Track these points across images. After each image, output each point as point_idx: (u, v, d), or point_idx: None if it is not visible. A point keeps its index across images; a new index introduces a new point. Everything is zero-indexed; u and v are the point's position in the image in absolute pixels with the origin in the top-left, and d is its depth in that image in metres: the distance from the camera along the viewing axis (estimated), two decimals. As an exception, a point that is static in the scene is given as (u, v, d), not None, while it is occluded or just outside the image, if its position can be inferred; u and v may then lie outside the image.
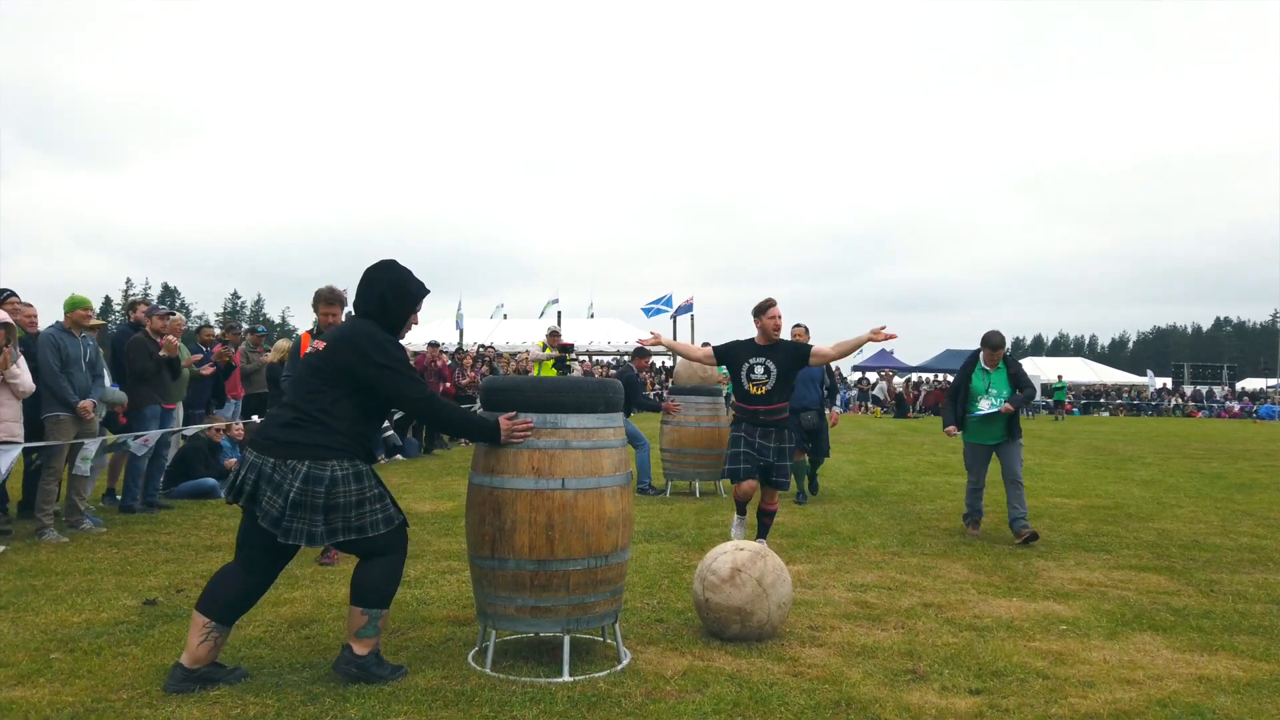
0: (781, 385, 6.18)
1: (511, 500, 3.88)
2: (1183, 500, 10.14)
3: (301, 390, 3.81)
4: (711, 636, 4.47)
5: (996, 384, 7.52)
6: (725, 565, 4.43)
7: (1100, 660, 4.22)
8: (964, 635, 4.58)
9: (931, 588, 5.63)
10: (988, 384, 7.55)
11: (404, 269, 3.99)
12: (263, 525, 3.65)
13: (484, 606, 4.04)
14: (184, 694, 3.60)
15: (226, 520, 7.83)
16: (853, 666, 4.07)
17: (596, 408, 4.00)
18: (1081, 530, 7.92)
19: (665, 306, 34.75)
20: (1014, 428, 7.48)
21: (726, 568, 4.42)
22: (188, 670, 3.66)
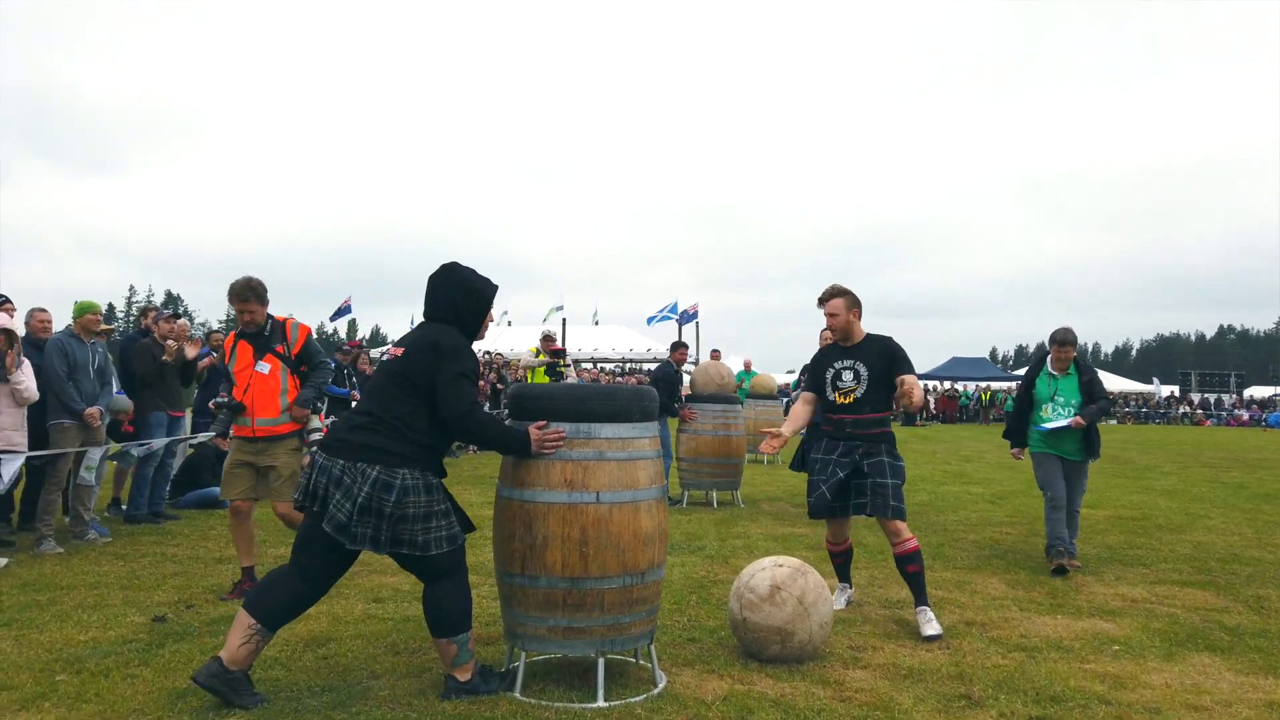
0: (874, 392, 4.92)
1: (543, 515, 3.67)
2: (1211, 511, 9.91)
3: (378, 396, 3.68)
4: (749, 657, 4.26)
5: (1065, 391, 6.40)
6: (764, 583, 4.22)
7: (1161, 684, 4.00)
8: (1013, 656, 4.36)
9: (970, 604, 5.41)
10: (1053, 391, 6.43)
11: (468, 270, 3.83)
12: (326, 529, 3.46)
13: (513, 627, 3.83)
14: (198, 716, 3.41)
15: (235, 531, 7.61)
16: (902, 691, 3.85)
17: (632, 416, 3.79)
18: (1115, 543, 7.69)
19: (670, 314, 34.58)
20: (1092, 445, 6.43)
21: (765, 585, 4.20)
22: (224, 668, 3.48)
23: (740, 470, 9.98)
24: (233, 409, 5.47)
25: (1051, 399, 6.40)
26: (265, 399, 5.44)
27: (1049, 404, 6.41)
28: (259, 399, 5.43)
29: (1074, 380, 6.41)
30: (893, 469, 4.87)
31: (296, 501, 3.70)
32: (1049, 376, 6.49)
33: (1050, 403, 6.40)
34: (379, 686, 3.82)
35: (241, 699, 3.51)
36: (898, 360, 4.91)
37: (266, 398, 5.44)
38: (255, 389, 5.44)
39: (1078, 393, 6.37)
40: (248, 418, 5.44)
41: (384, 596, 5.36)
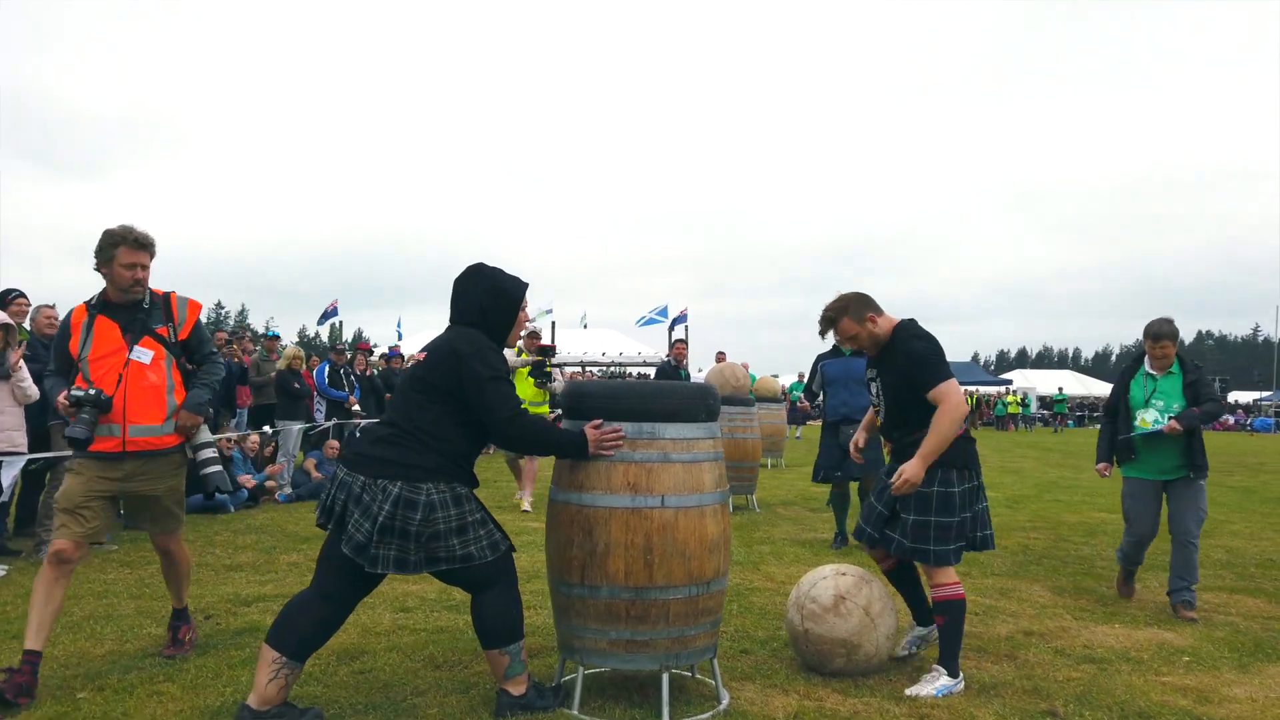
0: (900, 411, 4.00)
1: (605, 520, 3.44)
2: (1230, 515, 9.79)
3: (401, 404, 3.43)
4: (810, 671, 4.04)
5: (1165, 394, 5.33)
6: (827, 592, 4.00)
7: (1247, 698, 3.81)
8: (1084, 669, 4.17)
9: (1022, 613, 5.21)
10: (1150, 392, 5.36)
11: (495, 270, 3.59)
12: (345, 551, 3.22)
13: (569, 640, 3.59)
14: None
15: (241, 537, 7.35)
16: (980, 707, 3.65)
17: (697, 416, 3.57)
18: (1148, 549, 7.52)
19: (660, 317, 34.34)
20: (1195, 459, 5.24)
21: (829, 595, 3.99)
22: (256, 713, 3.22)
23: (756, 474, 9.78)
24: (98, 405, 3.80)
25: (1148, 404, 5.35)
26: (144, 400, 3.91)
27: (1145, 410, 5.34)
28: (135, 399, 3.89)
29: (1177, 381, 5.35)
30: (923, 499, 3.89)
31: (317, 520, 3.45)
32: (1146, 378, 5.43)
33: (1146, 409, 5.34)
34: (425, 704, 3.58)
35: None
36: (915, 374, 3.88)
37: (146, 398, 3.91)
38: (130, 385, 3.89)
39: (1180, 396, 5.29)
40: (116, 425, 3.86)
41: (411, 606, 5.12)
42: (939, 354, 3.91)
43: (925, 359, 3.85)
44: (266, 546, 6.98)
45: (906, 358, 3.91)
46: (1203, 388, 5.32)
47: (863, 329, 4.01)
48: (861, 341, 4.07)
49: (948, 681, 3.80)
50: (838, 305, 4.05)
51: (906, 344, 3.94)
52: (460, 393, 3.36)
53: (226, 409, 9.85)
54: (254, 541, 7.19)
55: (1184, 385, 5.32)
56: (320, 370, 11.71)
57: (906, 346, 3.93)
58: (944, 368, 3.87)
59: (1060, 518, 9.33)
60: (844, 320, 4.03)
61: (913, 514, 3.92)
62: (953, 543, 3.91)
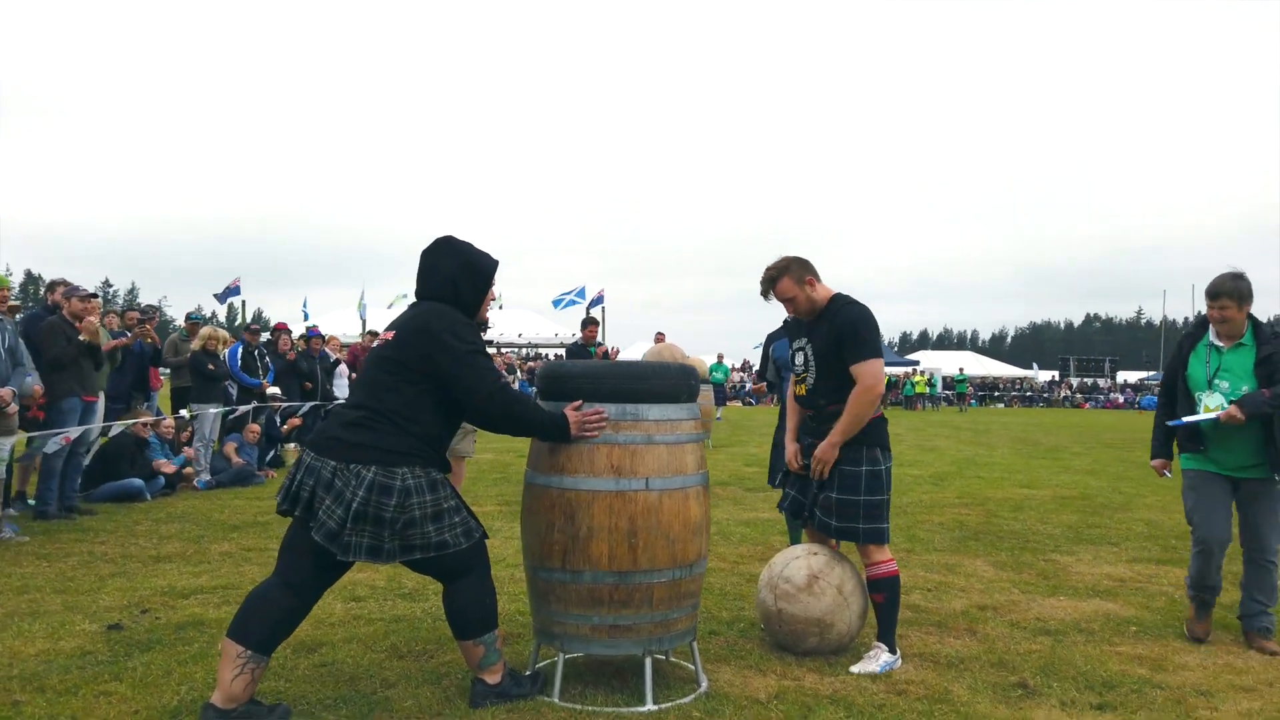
0: (827, 380, 3.94)
1: (588, 504, 3.36)
2: (1142, 490, 10.25)
3: (370, 385, 3.25)
4: (783, 650, 4.05)
5: (1232, 371, 4.21)
6: (800, 572, 4.01)
7: (1198, 665, 3.97)
8: (1041, 641, 4.28)
9: (971, 588, 5.34)
10: (1215, 370, 4.25)
11: (466, 244, 3.45)
12: (316, 539, 3.05)
13: (549, 626, 3.51)
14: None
15: (164, 527, 7.00)
16: (952, 681, 3.71)
17: (679, 397, 3.52)
18: (1073, 522, 7.82)
19: (578, 298, 34.25)
20: (1276, 453, 4.11)
21: (803, 575, 3.99)
22: (221, 712, 3.04)
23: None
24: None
25: (1211, 385, 4.24)
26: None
27: (1208, 394, 4.24)
28: None
29: (1248, 355, 4.20)
30: (850, 479, 3.90)
31: (278, 505, 3.27)
32: (1210, 351, 4.30)
33: (1210, 392, 4.24)
34: (398, 696, 3.45)
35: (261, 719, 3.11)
36: (844, 343, 3.85)
37: None
38: None
39: (1251, 376, 4.16)
40: None
41: (362, 595, 4.94)
42: (873, 328, 3.89)
43: (858, 330, 3.84)
44: (194, 536, 6.66)
45: (841, 326, 3.87)
46: (1279, 362, 4.12)
47: (800, 291, 3.94)
48: (799, 305, 3.99)
49: (889, 658, 3.86)
50: (779, 265, 3.99)
51: (843, 311, 3.90)
52: (435, 371, 3.22)
53: (140, 392, 9.35)
54: (179, 531, 6.85)
55: (1256, 361, 4.16)
56: (232, 352, 11.18)
57: (843, 314, 3.89)
58: (875, 342, 3.87)
59: (986, 494, 9.62)
60: (784, 280, 3.95)
61: (837, 492, 3.91)
62: (884, 520, 3.95)
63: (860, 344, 3.82)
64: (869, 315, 3.92)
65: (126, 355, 8.83)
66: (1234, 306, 4.17)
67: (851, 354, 3.83)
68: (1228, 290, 4.17)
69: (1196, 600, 4.40)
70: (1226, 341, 4.27)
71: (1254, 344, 4.22)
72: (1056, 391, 50.57)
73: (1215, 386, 4.23)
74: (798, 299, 3.97)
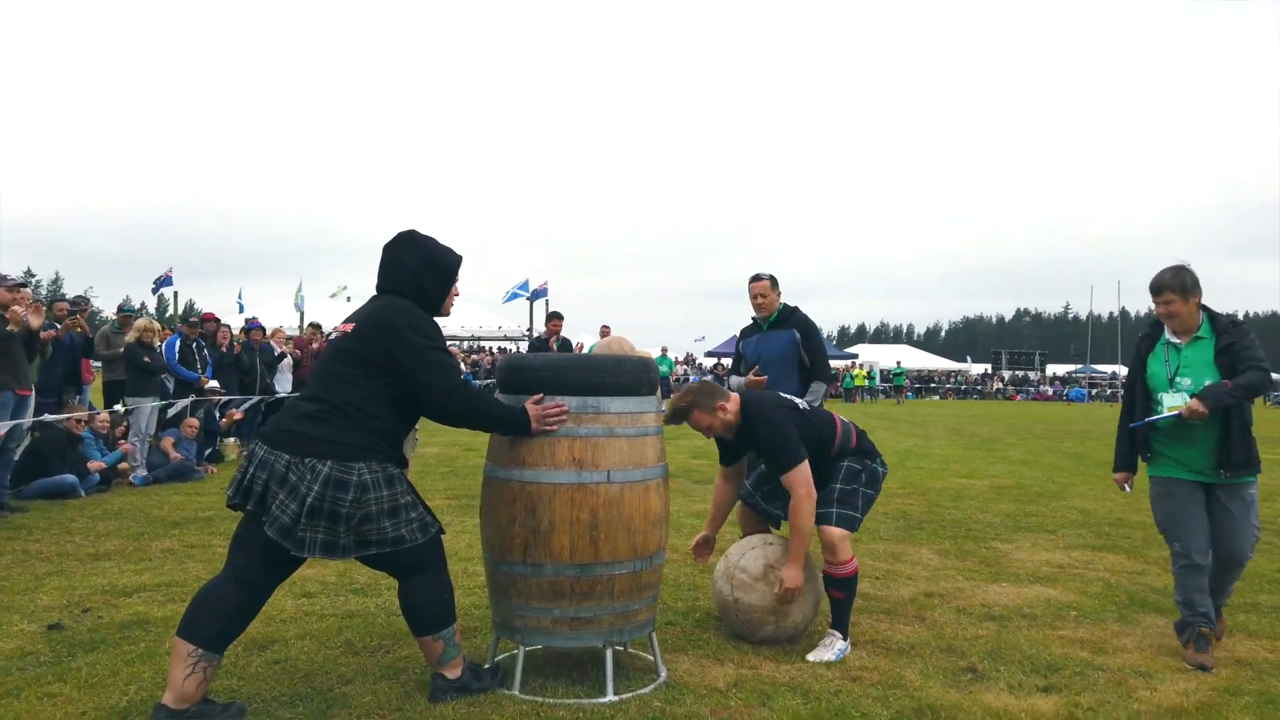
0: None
1: (549, 497, 3.36)
2: (1074, 480, 10.57)
3: (327, 378, 3.20)
4: (738, 639, 4.10)
5: (1192, 366, 3.96)
6: (757, 562, 4.06)
7: (1136, 648, 4.12)
8: (987, 626, 4.40)
9: (917, 575, 5.46)
10: (1175, 368, 4.00)
11: (429, 239, 3.42)
12: (269, 534, 3.01)
13: (509, 620, 3.50)
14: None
15: (101, 524, 6.80)
16: (904, 667, 3.79)
17: (640, 390, 3.53)
18: (1010, 511, 8.04)
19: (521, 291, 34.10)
20: (1233, 452, 3.87)
21: (759, 565, 4.04)
22: (174, 712, 2.98)
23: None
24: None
25: (1172, 384, 3.98)
26: None
27: (1171, 394, 3.97)
28: None
29: (1207, 348, 3.95)
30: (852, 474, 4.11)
31: (229, 499, 3.21)
32: (1168, 350, 4.05)
33: (1173, 391, 3.97)
34: (355, 692, 3.41)
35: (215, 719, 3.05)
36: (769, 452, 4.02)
37: None
38: None
39: (1213, 367, 3.91)
40: None
41: (313, 591, 4.86)
42: (784, 433, 3.91)
43: (773, 446, 3.92)
44: (133, 533, 6.48)
45: (760, 442, 3.99)
46: (1241, 352, 3.85)
47: (715, 419, 4.00)
48: (716, 430, 4.04)
49: (842, 645, 3.95)
50: (686, 401, 4.04)
51: (754, 429, 3.99)
52: (394, 366, 3.19)
53: (72, 385, 9.05)
54: (117, 528, 6.67)
55: (1216, 352, 3.91)
56: (169, 344, 10.89)
57: (755, 433, 3.99)
58: (794, 453, 3.88)
59: (927, 484, 9.83)
60: (695, 413, 4.01)
61: (839, 484, 4.04)
62: (859, 512, 4.02)
63: (778, 456, 3.91)
64: (775, 420, 3.96)
65: (57, 347, 8.55)
66: (1179, 300, 3.93)
67: (777, 467, 3.94)
68: (1169, 284, 3.95)
69: (1190, 630, 3.94)
70: (1183, 337, 4.02)
71: (1212, 335, 3.95)
72: (989, 384, 51.79)
73: (1177, 385, 3.95)
74: (714, 426, 4.03)
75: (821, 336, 5.66)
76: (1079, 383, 51.65)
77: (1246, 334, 3.92)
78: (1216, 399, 3.79)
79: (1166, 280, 3.96)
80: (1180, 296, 3.93)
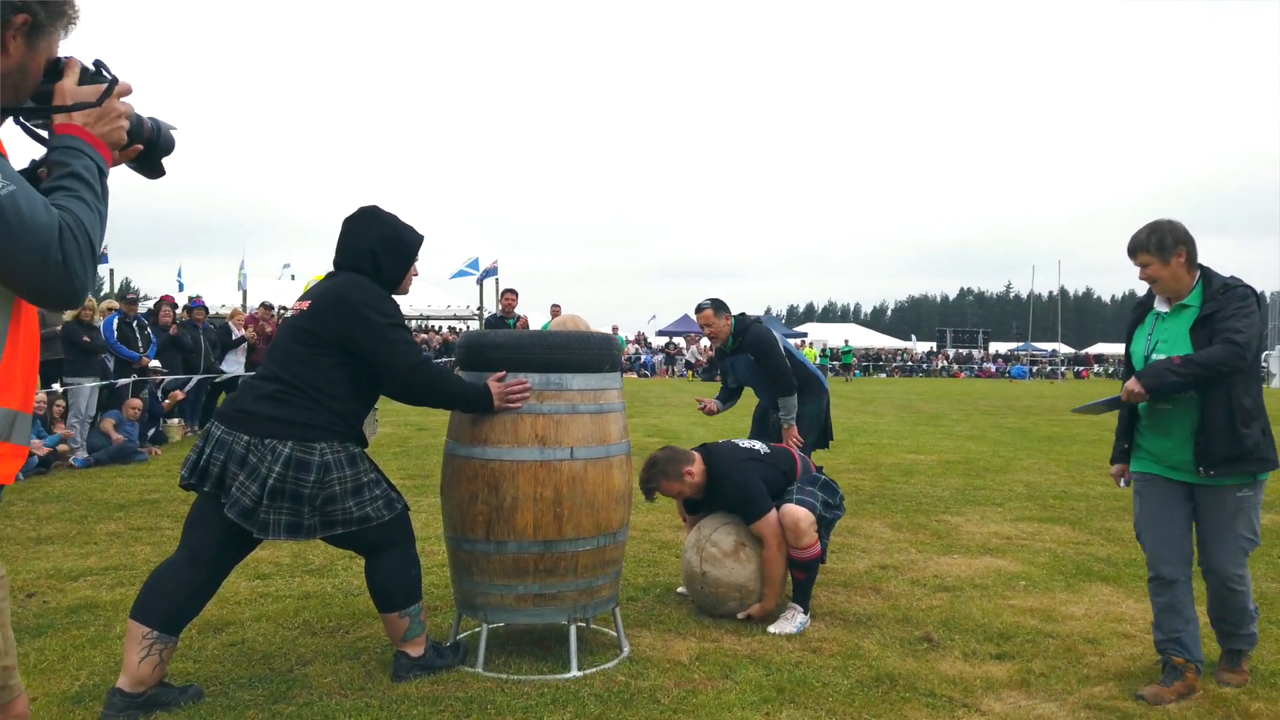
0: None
1: (512, 474, 3.35)
2: (1019, 454, 10.82)
3: (284, 358, 3.14)
4: (701, 613, 4.14)
5: (1169, 340, 3.31)
6: (729, 538, 4.08)
7: (1083, 615, 4.25)
8: (941, 597, 4.50)
9: (872, 549, 5.55)
10: (1155, 343, 3.37)
11: (391, 216, 3.36)
12: (229, 516, 2.95)
13: (471, 597, 3.49)
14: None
15: (42, 507, 6.63)
16: (862, 638, 3.86)
17: (602, 366, 3.53)
18: (959, 485, 8.21)
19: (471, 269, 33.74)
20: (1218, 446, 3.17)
21: (730, 541, 4.07)
22: (129, 696, 2.92)
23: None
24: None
25: (1148, 359, 3.36)
26: None
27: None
28: None
29: (1188, 316, 3.31)
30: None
31: (183, 479, 3.15)
32: (1155, 321, 3.43)
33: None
34: (316, 673, 3.38)
35: (172, 703, 3.00)
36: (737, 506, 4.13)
37: None
38: None
39: (1186, 340, 3.27)
40: None
41: (267, 572, 4.79)
42: (752, 492, 4.04)
43: (740, 499, 4.07)
44: (76, 516, 6.32)
45: (727, 497, 4.14)
46: (1220, 322, 3.18)
47: (684, 484, 4.15)
48: (687, 494, 4.23)
49: (803, 618, 4.01)
50: (654, 473, 4.17)
51: (721, 486, 4.14)
52: (352, 345, 3.14)
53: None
54: (60, 511, 6.50)
55: (1195, 322, 3.27)
56: (107, 323, 10.59)
57: (723, 489, 4.14)
58: (760, 504, 4.02)
59: (877, 459, 9.98)
60: (663, 483, 4.15)
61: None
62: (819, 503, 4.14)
63: (747, 509, 4.05)
64: (745, 475, 4.08)
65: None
66: (1156, 262, 3.29)
67: (747, 516, 4.07)
68: (1141, 244, 3.32)
69: (1164, 658, 3.34)
70: (1170, 304, 3.37)
71: (1200, 303, 3.28)
72: (934, 362, 52.69)
73: (1148, 362, 3.33)
74: (684, 491, 4.20)
75: (776, 350, 5.40)
76: (1020, 360, 52.78)
77: (1235, 300, 3.19)
78: (1155, 379, 3.18)
79: (1140, 240, 3.34)
80: (1158, 258, 3.29)
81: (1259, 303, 3.25)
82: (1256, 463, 3.19)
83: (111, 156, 1.70)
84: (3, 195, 1.43)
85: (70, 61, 1.67)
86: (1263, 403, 3.27)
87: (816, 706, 3.14)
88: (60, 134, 1.64)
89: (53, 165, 1.62)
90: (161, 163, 1.86)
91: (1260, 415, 3.23)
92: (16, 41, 1.56)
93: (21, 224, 1.44)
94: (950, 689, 3.31)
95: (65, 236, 1.50)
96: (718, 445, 4.31)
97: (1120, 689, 3.35)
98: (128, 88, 1.71)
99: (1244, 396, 3.19)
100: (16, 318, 1.56)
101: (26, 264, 1.47)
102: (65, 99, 1.65)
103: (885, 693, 3.27)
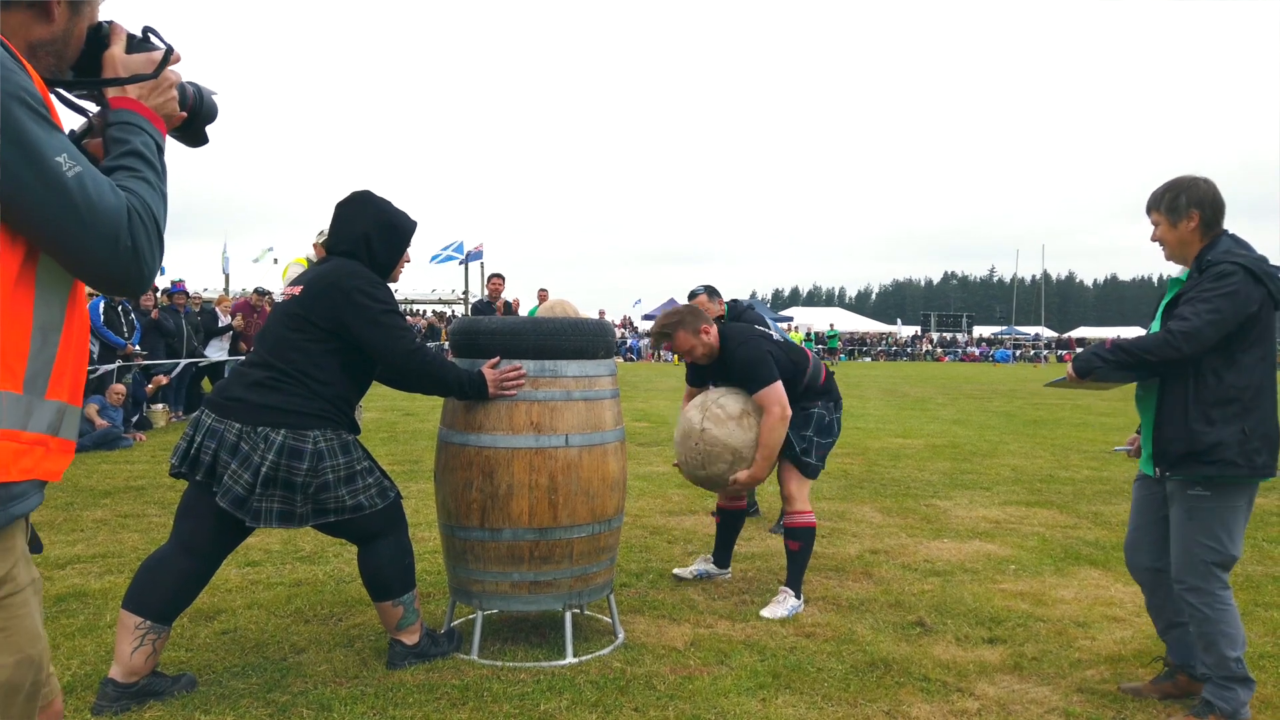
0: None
1: (507, 461, 3.33)
2: (1005, 438, 10.89)
3: (275, 343, 3.10)
4: (682, 486, 4.15)
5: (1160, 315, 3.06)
6: (736, 404, 4.06)
7: (1074, 599, 4.28)
8: (932, 581, 4.53)
9: (862, 533, 5.58)
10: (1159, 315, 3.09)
11: (384, 201, 3.33)
12: (222, 505, 2.93)
13: (466, 585, 3.48)
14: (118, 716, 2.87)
15: None
16: (855, 623, 3.88)
17: (597, 353, 3.51)
18: (947, 469, 8.25)
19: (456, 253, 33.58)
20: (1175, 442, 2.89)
21: (737, 406, 4.04)
22: (122, 686, 2.90)
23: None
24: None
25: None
26: None
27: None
28: None
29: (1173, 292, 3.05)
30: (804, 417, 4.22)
31: (173, 468, 3.12)
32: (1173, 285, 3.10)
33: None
34: (310, 661, 3.36)
35: (166, 692, 2.99)
36: (744, 374, 4.08)
37: None
38: None
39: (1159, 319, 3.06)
40: None
41: (257, 560, 4.77)
42: (763, 360, 4.04)
43: (750, 365, 4.05)
44: (62, 503, 6.26)
45: (737, 364, 4.11)
46: (1185, 303, 2.87)
47: (698, 340, 4.15)
48: (697, 354, 4.19)
49: (795, 602, 4.02)
50: (672, 321, 4.18)
51: (733, 353, 4.14)
52: (345, 331, 3.11)
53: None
54: (45, 497, 6.42)
55: (1169, 303, 3.02)
56: (93, 307, 10.47)
57: (734, 355, 4.13)
58: (768, 371, 4.03)
59: (865, 444, 10.02)
60: (679, 334, 4.15)
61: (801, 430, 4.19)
62: (814, 459, 4.19)
63: (754, 377, 4.04)
64: (757, 346, 4.10)
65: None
66: (1165, 223, 2.99)
67: (753, 384, 4.04)
68: (1155, 200, 3.03)
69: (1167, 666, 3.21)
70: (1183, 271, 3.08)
71: (1198, 270, 2.92)
72: (919, 346, 52.93)
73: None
74: (696, 349, 4.17)
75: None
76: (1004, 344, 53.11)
77: (1207, 281, 2.84)
78: (1084, 362, 3.03)
79: (1155, 196, 3.04)
80: (1167, 219, 2.97)
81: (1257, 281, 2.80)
82: (1215, 464, 2.82)
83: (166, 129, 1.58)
84: (70, 177, 1.32)
85: (115, 27, 1.54)
86: (1258, 399, 2.85)
87: (812, 692, 3.15)
88: (116, 108, 1.51)
89: (111, 142, 1.49)
90: (205, 131, 1.73)
91: (1237, 412, 2.83)
92: (61, 7, 1.45)
93: (90, 208, 1.34)
94: (944, 673, 3.33)
95: (134, 220, 1.40)
96: (733, 324, 4.44)
97: (1111, 672, 3.38)
98: (179, 56, 1.60)
99: (1210, 389, 2.84)
100: (73, 305, 1.46)
101: (96, 250, 1.36)
102: (118, 70, 1.52)
103: (880, 677, 3.29)
